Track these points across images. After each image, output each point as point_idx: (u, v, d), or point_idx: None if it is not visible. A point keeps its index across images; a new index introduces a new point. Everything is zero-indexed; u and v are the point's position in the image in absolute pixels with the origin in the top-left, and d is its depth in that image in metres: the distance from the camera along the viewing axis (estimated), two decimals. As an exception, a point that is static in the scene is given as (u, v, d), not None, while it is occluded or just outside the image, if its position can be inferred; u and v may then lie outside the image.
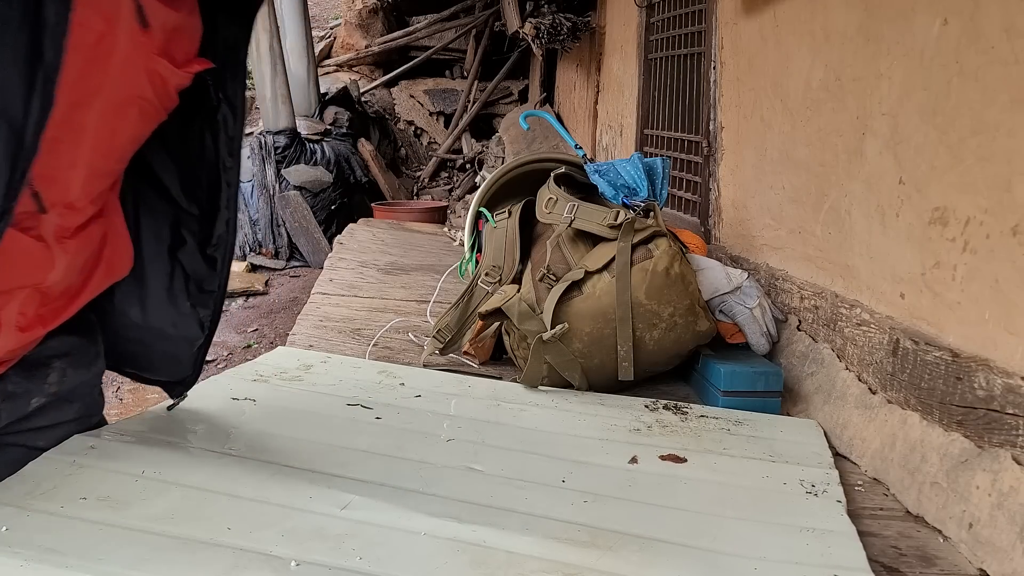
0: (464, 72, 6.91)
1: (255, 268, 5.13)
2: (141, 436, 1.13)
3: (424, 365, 1.70)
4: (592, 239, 1.67)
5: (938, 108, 1.25)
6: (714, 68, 2.30)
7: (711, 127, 2.32)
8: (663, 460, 1.24)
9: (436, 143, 6.81)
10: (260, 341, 4.27)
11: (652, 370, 1.61)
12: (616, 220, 1.61)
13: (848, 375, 1.46)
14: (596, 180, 1.82)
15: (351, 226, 3.56)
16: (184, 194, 1.06)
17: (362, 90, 6.62)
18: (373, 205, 5.24)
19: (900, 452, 1.24)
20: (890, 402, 1.32)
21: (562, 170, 1.93)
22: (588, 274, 1.56)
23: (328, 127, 5.84)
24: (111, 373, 1.16)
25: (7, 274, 0.86)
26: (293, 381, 1.48)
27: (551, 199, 1.79)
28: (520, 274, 1.80)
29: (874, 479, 1.29)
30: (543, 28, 4.36)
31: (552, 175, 1.87)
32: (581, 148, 2.19)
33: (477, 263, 1.97)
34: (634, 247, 1.56)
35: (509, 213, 1.92)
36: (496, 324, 1.71)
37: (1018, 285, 1.07)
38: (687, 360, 1.66)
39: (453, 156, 6.62)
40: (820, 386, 1.54)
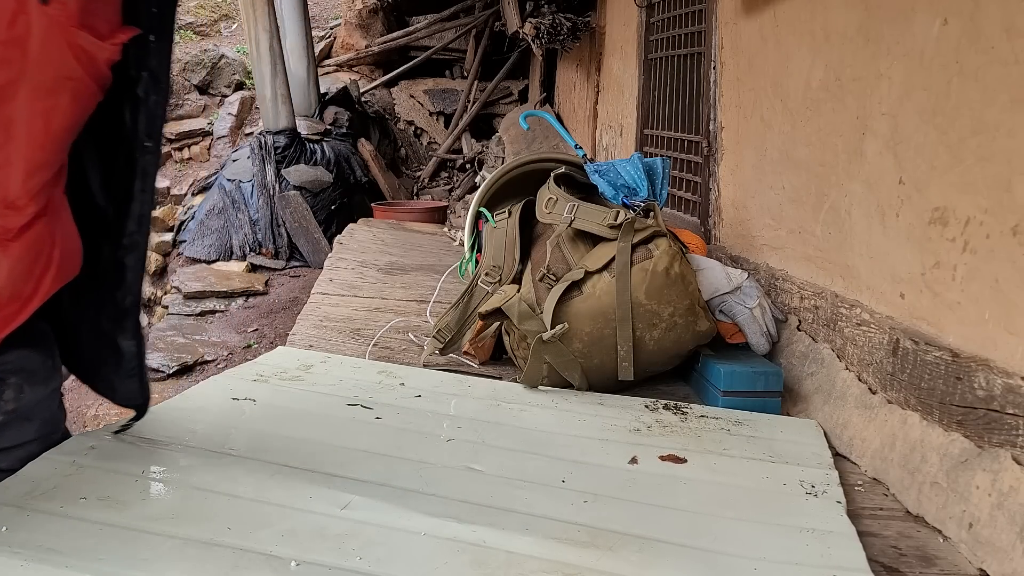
0: (464, 72, 6.91)
1: (255, 268, 5.13)
2: (141, 436, 1.13)
3: (424, 365, 1.70)
4: (592, 239, 1.67)
5: (938, 108, 1.25)
6: (714, 68, 2.30)
7: (711, 127, 2.32)
8: (663, 460, 1.24)
9: (436, 143, 6.81)
10: (260, 341, 4.27)
11: (652, 370, 1.61)
12: (616, 220, 1.61)
13: (848, 375, 1.46)
14: (596, 180, 1.82)
15: (351, 226, 3.56)
16: (104, 188, 0.94)
17: (362, 90, 6.62)
18: (373, 205, 5.23)
19: (900, 452, 1.24)
20: (890, 402, 1.32)
21: (562, 170, 1.92)
22: (588, 274, 1.56)
23: (328, 127, 5.83)
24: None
25: None
26: (293, 381, 1.48)
27: (551, 199, 1.79)
28: (520, 274, 1.80)
29: (874, 479, 1.29)
30: (543, 28, 4.36)
31: (552, 175, 1.87)
32: (581, 148, 2.19)
33: (477, 263, 1.97)
34: (634, 247, 1.56)
35: (509, 213, 1.92)
36: (496, 324, 1.71)
37: (1018, 285, 1.07)
38: (687, 360, 1.66)
39: (453, 156, 6.61)
40: (820, 386, 1.54)
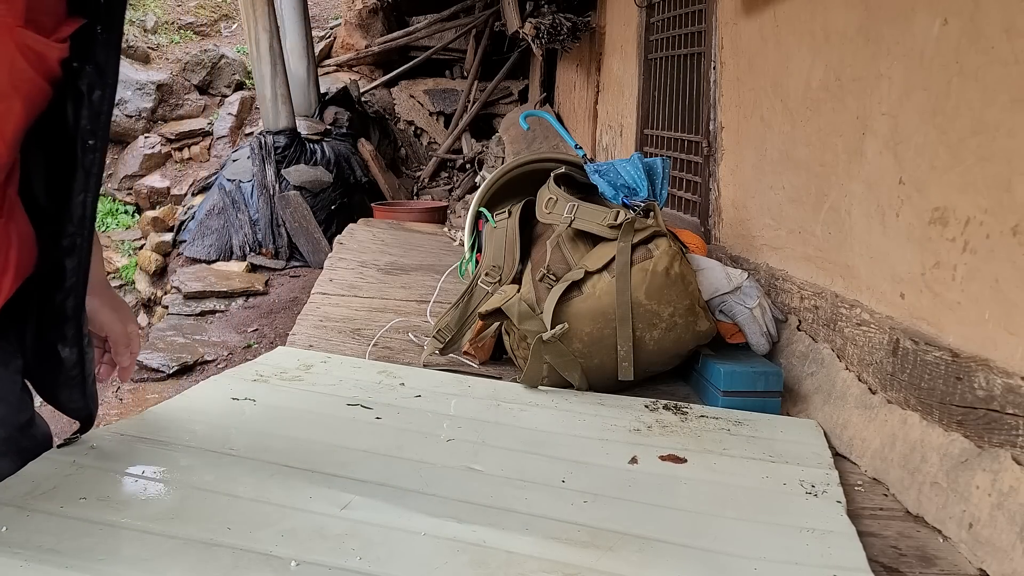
0: (464, 72, 6.91)
1: (255, 268, 5.13)
2: (141, 436, 1.13)
3: (424, 365, 1.70)
4: (592, 239, 1.67)
5: (938, 108, 1.25)
6: (714, 68, 2.30)
7: (711, 127, 2.32)
8: (663, 460, 1.24)
9: (436, 143, 6.81)
10: (260, 341, 4.27)
11: (652, 370, 1.61)
12: (616, 220, 1.61)
13: (848, 375, 1.46)
14: (596, 180, 1.82)
15: (351, 226, 3.56)
16: (46, 187, 0.89)
17: (362, 90, 6.62)
18: (373, 205, 5.23)
19: (900, 452, 1.24)
20: (890, 402, 1.32)
21: (562, 170, 1.93)
22: (588, 274, 1.56)
23: (328, 127, 5.84)
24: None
25: None
26: (293, 381, 1.48)
27: (551, 199, 1.79)
28: (520, 274, 1.80)
29: (874, 479, 1.29)
30: (543, 28, 4.36)
31: (552, 175, 1.87)
32: (581, 148, 2.19)
33: (477, 263, 1.97)
34: (634, 247, 1.56)
35: (509, 213, 1.92)
36: (496, 324, 1.71)
37: (1018, 285, 1.07)
38: (687, 360, 1.66)
39: (453, 156, 6.62)
40: (820, 386, 1.54)
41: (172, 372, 3.92)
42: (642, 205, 1.70)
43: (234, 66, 6.66)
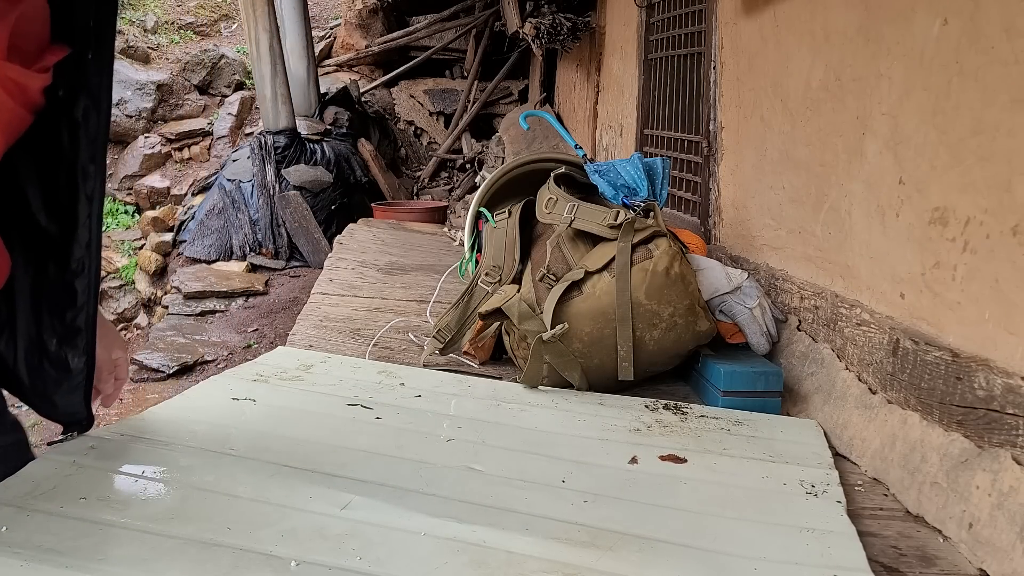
0: (464, 72, 6.91)
1: (255, 268, 5.13)
2: (141, 436, 1.13)
3: (424, 365, 1.70)
4: (592, 239, 1.67)
5: (938, 108, 1.25)
6: (714, 68, 2.30)
7: (711, 127, 2.32)
8: (663, 460, 1.24)
9: (436, 143, 6.81)
10: (260, 341, 4.27)
11: (652, 370, 1.61)
12: (616, 220, 1.61)
13: (848, 375, 1.46)
14: (596, 180, 1.82)
15: (351, 226, 3.56)
16: (44, 209, 0.90)
17: (362, 90, 6.62)
18: (373, 205, 5.23)
19: (900, 452, 1.24)
20: (890, 402, 1.32)
21: (562, 170, 1.93)
22: (588, 274, 1.56)
23: (328, 127, 5.84)
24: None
25: None
26: (293, 381, 1.48)
27: (551, 199, 1.79)
28: (520, 274, 1.80)
29: (874, 479, 1.29)
30: (543, 28, 4.36)
31: (552, 175, 1.87)
32: (581, 148, 2.19)
33: (477, 263, 1.97)
34: (634, 247, 1.56)
35: (509, 213, 1.92)
36: (496, 324, 1.71)
37: (1018, 285, 1.07)
38: (687, 360, 1.66)
39: (453, 156, 6.61)
40: (820, 386, 1.54)
41: (172, 372, 3.92)
42: (642, 205, 1.70)
43: (234, 66, 6.66)
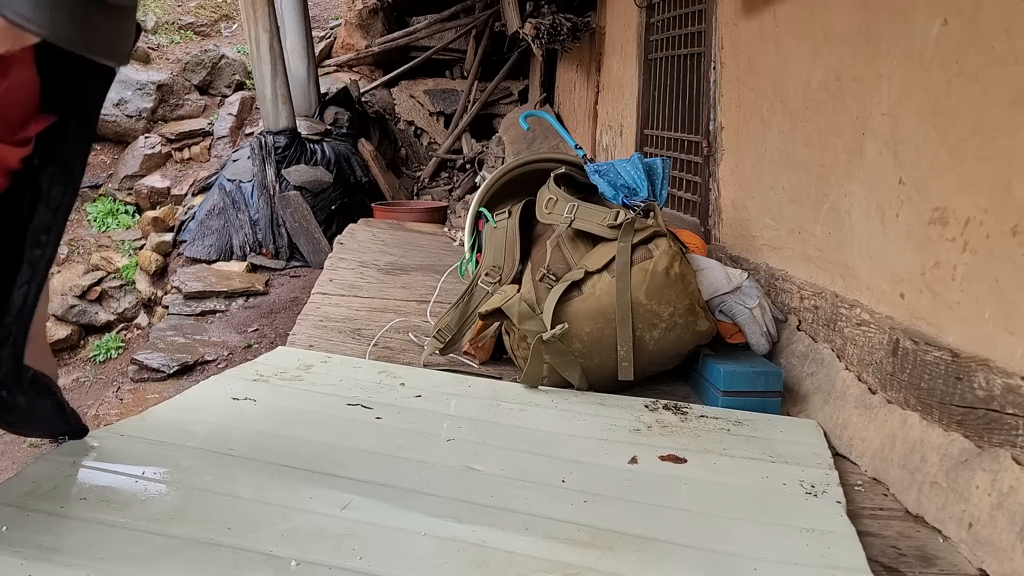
0: (464, 72, 6.90)
1: (255, 268, 5.13)
2: (141, 436, 1.13)
3: (424, 365, 1.70)
4: (592, 239, 1.67)
5: (938, 108, 1.25)
6: (714, 68, 2.30)
7: (711, 127, 2.32)
8: (663, 460, 1.24)
9: (436, 143, 6.80)
10: (260, 341, 4.27)
11: (652, 370, 1.61)
12: (616, 220, 1.61)
13: (848, 375, 1.46)
14: (596, 180, 1.82)
15: (351, 226, 3.56)
16: None
17: (362, 90, 6.61)
18: (373, 205, 5.23)
19: (900, 452, 1.24)
20: (890, 402, 1.32)
21: (562, 170, 1.92)
22: (588, 274, 1.56)
23: (328, 127, 5.83)
24: (111, 373, 1.13)
25: None
26: (293, 381, 1.48)
27: (551, 199, 1.79)
28: (520, 274, 1.80)
29: (874, 479, 1.29)
30: (543, 28, 4.35)
31: (552, 175, 1.87)
32: (581, 148, 2.19)
33: (477, 263, 1.97)
34: (634, 247, 1.56)
35: (509, 213, 1.92)
36: (496, 324, 1.71)
37: (1018, 285, 1.07)
38: (687, 360, 1.66)
39: (453, 156, 6.61)
40: (820, 386, 1.54)
41: (172, 372, 3.92)
42: (642, 205, 1.70)
43: (234, 66, 6.66)
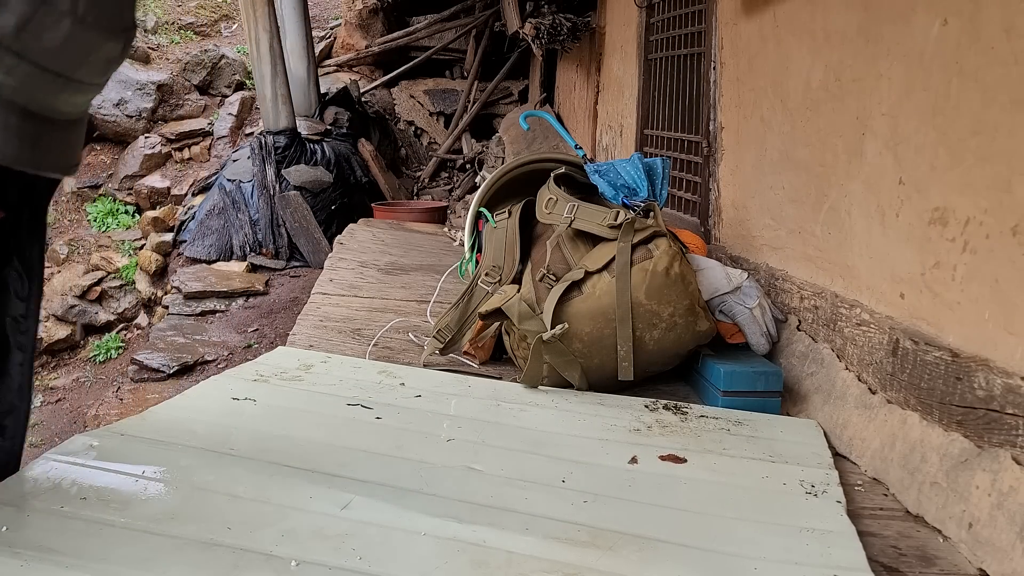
0: (464, 72, 6.90)
1: (255, 268, 5.13)
2: (141, 436, 1.13)
3: (424, 365, 1.70)
4: (592, 239, 1.67)
5: (938, 108, 1.25)
6: (714, 68, 2.30)
7: (711, 127, 2.32)
8: (663, 460, 1.24)
9: (436, 143, 6.81)
10: (260, 341, 4.27)
11: (652, 370, 1.61)
12: (616, 220, 1.61)
13: (848, 375, 1.46)
14: (596, 180, 1.82)
15: (351, 226, 3.56)
16: None
17: (362, 90, 6.61)
18: (373, 205, 5.23)
19: (900, 452, 1.24)
20: (890, 402, 1.32)
21: (562, 170, 1.93)
22: (588, 274, 1.56)
23: (328, 127, 5.83)
24: (111, 373, 1.13)
25: None
26: (293, 381, 1.48)
27: (551, 199, 1.79)
28: (520, 274, 1.80)
29: (874, 479, 1.29)
30: (543, 28, 4.35)
31: (552, 175, 1.87)
32: (581, 148, 2.19)
33: (477, 263, 1.97)
34: (634, 247, 1.56)
35: (509, 213, 1.92)
36: (496, 324, 1.72)
37: (1018, 285, 1.07)
38: (687, 360, 1.66)
39: (453, 156, 6.61)
40: (820, 386, 1.54)
41: (172, 372, 3.92)
42: (642, 205, 1.70)
43: (234, 66, 6.66)
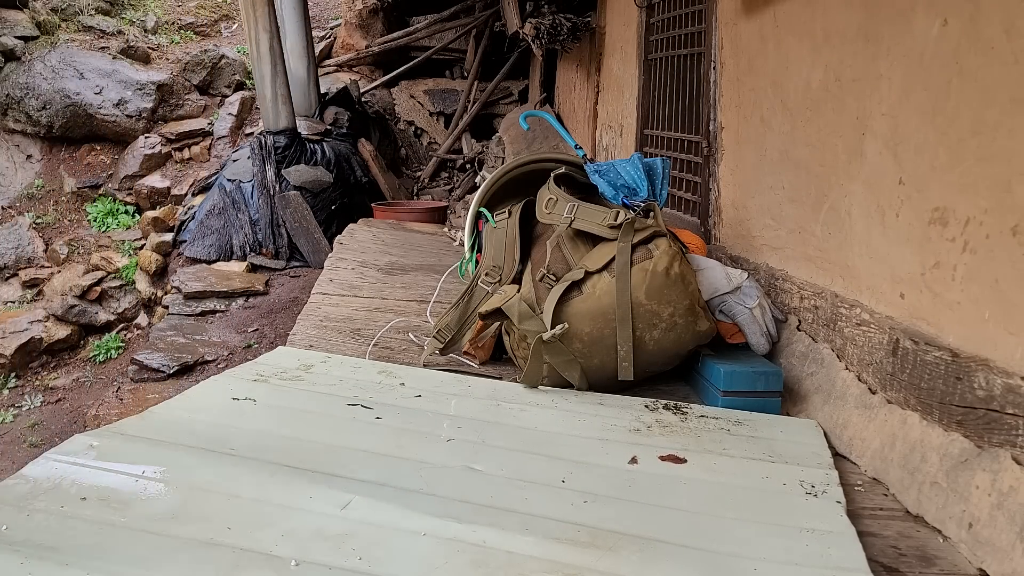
0: (464, 72, 6.91)
1: (255, 268, 5.13)
2: (141, 436, 1.13)
3: (424, 365, 1.70)
4: (592, 239, 1.67)
5: (938, 108, 1.25)
6: (714, 68, 2.30)
7: (711, 127, 2.32)
8: (663, 460, 1.24)
9: (436, 143, 6.81)
10: (260, 341, 4.27)
11: (652, 370, 1.61)
12: (616, 220, 1.61)
13: (848, 375, 1.46)
14: (596, 180, 1.82)
15: (351, 226, 3.56)
16: None
17: (362, 90, 6.61)
18: (373, 205, 5.23)
19: (900, 452, 1.24)
20: (890, 402, 1.32)
21: (562, 170, 1.92)
22: (588, 274, 1.56)
23: (328, 127, 5.83)
24: (111, 373, 1.13)
25: None
26: (293, 381, 1.48)
27: (551, 199, 1.79)
28: (520, 274, 1.80)
29: (874, 479, 1.29)
30: (543, 28, 4.35)
31: (552, 175, 1.87)
32: (581, 148, 2.19)
33: (477, 263, 1.97)
34: (634, 247, 1.56)
35: (509, 213, 1.92)
36: (496, 324, 1.72)
37: (1018, 285, 1.07)
38: (687, 360, 1.66)
39: (453, 156, 6.61)
40: (820, 386, 1.54)
41: (172, 372, 3.92)
42: (642, 205, 1.70)
43: (234, 66, 6.66)
